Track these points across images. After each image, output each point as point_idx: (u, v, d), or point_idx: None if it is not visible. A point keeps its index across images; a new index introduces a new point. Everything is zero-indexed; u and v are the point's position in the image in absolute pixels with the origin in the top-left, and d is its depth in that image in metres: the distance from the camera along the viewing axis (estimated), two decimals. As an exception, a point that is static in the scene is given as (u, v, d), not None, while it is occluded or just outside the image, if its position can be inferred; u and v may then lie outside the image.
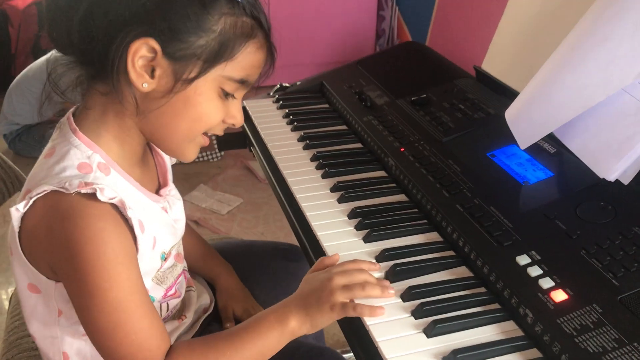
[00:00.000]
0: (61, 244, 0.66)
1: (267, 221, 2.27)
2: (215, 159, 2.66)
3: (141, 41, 0.65)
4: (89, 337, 0.70)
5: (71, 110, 0.76)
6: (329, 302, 0.73)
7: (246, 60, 0.71)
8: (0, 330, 1.77)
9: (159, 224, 0.79)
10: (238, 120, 0.76)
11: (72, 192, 0.65)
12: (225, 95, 0.72)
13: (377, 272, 0.80)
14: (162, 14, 0.65)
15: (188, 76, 0.68)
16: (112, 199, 0.67)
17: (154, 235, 0.76)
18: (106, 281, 0.66)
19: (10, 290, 1.95)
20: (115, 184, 0.72)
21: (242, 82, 0.72)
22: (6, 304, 1.90)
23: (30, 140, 2.56)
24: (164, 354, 0.71)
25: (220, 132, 0.77)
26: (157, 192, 0.82)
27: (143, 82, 0.67)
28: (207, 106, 0.71)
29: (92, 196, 0.66)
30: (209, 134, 0.77)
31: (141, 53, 0.66)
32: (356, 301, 0.74)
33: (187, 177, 2.50)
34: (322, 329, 0.80)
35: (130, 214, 0.68)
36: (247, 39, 0.70)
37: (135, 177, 0.76)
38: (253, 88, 0.77)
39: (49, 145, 0.74)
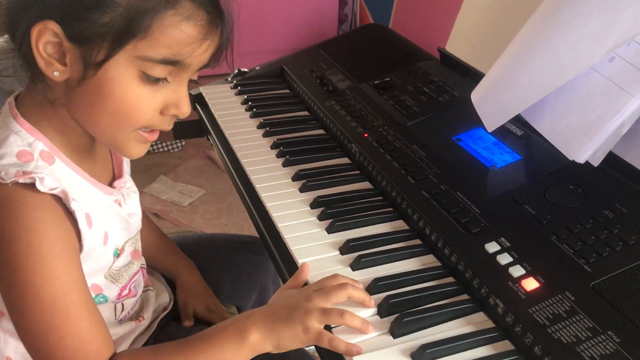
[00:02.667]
0: None
1: (231, 212, 2.21)
2: (176, 150, 2.58)
3: (40, 25, 0.59)
4: (21, 339, 0.64)
5: (14, 94, 0.70)
6: (303, 324, 0.65)
7: (166, 36, 0.60)
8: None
9: (111, 218, 0.73)
10: (182, 110, 0.66)
11: (8, 181, 0.60)
12: (155, 80, 0.63)
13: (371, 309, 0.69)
14: None
15: (95, 59, 0.60)
16: (53, 189, 0.61)
17: (105, 230, 0.71)
18: (39, 277, 0.60)
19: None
20: (59, 173, 0.66)
21: (171, 63, 0.62)
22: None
23: None
24: None
25: (165, 127, 0.68)
26: (110, 184, 0.76)
27: (53, 71, 0.61)
28: (126, 95, 0.62)
29: (31, 186, 0.60)
30: (152, 129, 0.68)
31: (45, 38, 0.59)
32: (334, 328, 0.66)
33: (147, 169, 2.42)
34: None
35: (74, 206, 0.63)
36: (162, 10, 0.60)
37: (85, 167, 0.70)
38: (210, 72, 0.69)
39: None
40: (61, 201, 0.63)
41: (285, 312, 0.67)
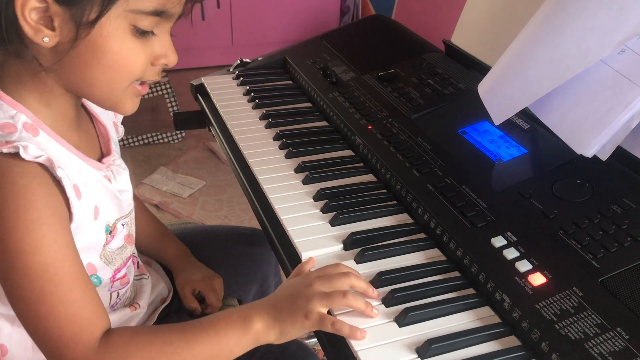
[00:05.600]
0: None
1: (231, 204, 2.20)
2: (176, 141, 2.57)
3: None
4: (14, 310, 0.63)
5: None
6: (304, 310, 0.65)
7: None
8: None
9: (101, 193, 0.72)
10: (170, 59, 0.68)
11: None
12: (142, 33, 0.64)
13: (376, 300, 0.69)
14: None
15: (88, 19, 0.60)
16: (37, 157, 0.60)
17: (94, 203, 0.70)
18: (28, 244, 0.59)
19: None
20: (45, 145, 0.65)
21: (158, 14, 0.63)
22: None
23: None
24: (99, 331, 0.63)
25: (155, 77, 0.69)
26: (99, 160, 0.75)
27: (43, 37, 0.60)
28: (121, 49, 0.63)
29: (16, 155, 0.59)
30: (142, 81, 0.69)
31: (31, 5, 0.58)
32: (337, 316, 0.66)
33: (147, 160, 2.40)
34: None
35: (60, 173, 0.62)
36: None
37: (70, 140, 0.69)
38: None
39: None
40: (47, 170, 0.62)
41: (288, 302, 0.66)
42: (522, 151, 0.85)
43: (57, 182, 0.62)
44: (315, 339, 0.69)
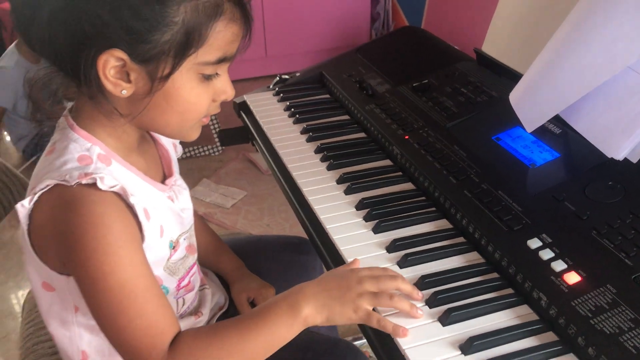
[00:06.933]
0: (65, 233, 0.66)
1: (272, 212, 2.27)
2: (217, 153, 2.65)
3: (106, 54, 0.65)
4: (97, 324, 0.70)
5: (68, 108, 0.76)
6: (354, 304, 0.71)
7: (218, 40, 0.68)
8: (11, 334, 1.79)
9: (166, 213, 0.79)
10: (229, 94, 0.75)
11: (73, 183, 0.66)
12: (207, 77, 0.71)
13: (419, 302, 0.74)
14: (119, 22, 0.63)
15: (162, 74, 0.67)
16: (112, 187, 0.67)
17: (160, 223, 0.77)
18: (108, 265, 0.66)
19: (21, 293, 1.96)
20: (117, 173, 0.72)
21: (222, 61, 0.71)
22: (17, 307, 1.91)
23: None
24: (170, 339, 0.70)
25: (216, 111, 0.76)
26: (162, 182, 0.82)
27: (121, 90, 0.67)
28: (191, 95, 0.71)
29: (93, 186, 0.67)
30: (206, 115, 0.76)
31: (110, 64, 0.65)
32: (383, 314, 0.72)
33: (189, 172, 2.50)
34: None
35: (133, 200, 0.69)
36: (214, 20, 0.67)
37: (138, 167, 0.77)
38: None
39: (49, 144, 0.75)
40: (121, 197, 0.69)
41: (338, 291, 0.72)
42: (554, 155, 0.89)
43: (130, 208, 0.69)
44: (364, 341, 0.74)
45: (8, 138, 2.90)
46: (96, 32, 0.64)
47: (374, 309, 0.72)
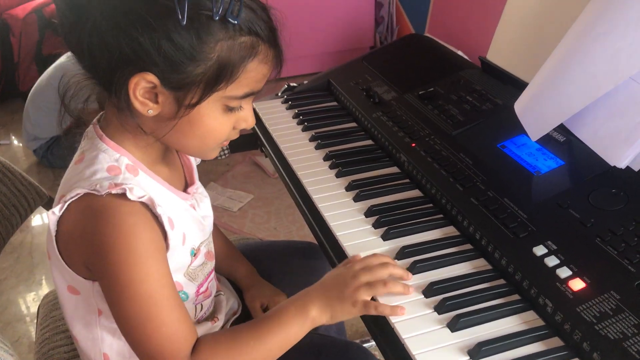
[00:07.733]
0: (95, 241, 0.69)
1: (279, 216, 2.29)
2: (223, 157, 2.68)
3: (139, 76, 0.67)
4: (121, 330, 0.73)
5: (96, 117, 0.79)
6: (352, 299, 0.77)
7: (248, 78, 0.71)
8: (22, 338, 1.82)
9: (188, 221, 0.82)
10: (249, 123, 0.78)
11: (103, 193, 0.69)
12: (231, 109, 0.74)
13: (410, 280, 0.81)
14: (157, 50, 0.65)
15: (190, 102, 0.70)
16: (141, 197, 0.70)
17: (183, 231, 0.79)
18: (138, 274, 0.69)
19: (32, 297, 1.99)
20: (144, 183, 0.75)
21: (248, 96, 0.74)
22: (27, 311, 1.93)
23: (62, 151, 2.58)
24: (191, 346, 0.74)
25: (235, 136, 0.79)
26: (184, 190, 0.85)
27: (148, 109, 0.70)
28: (214, 124, 0.74)
29: (123, 196, 0.69)
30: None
31: (141, 85, 0.68)
32: (378, 299, 0.76)
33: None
34: (343, 322, 0.83)
35: (159, 211, 0.71)
36: (247, 59, 0.70)
37: (163, 176, 0.79)
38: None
39: (78, 152, 0.78)
40: (148, 207, 0.71)
41: (336, 290, 0.78)
42: (559, 163, 0.91)
43: (156, 217, 0.72)
44: (372, 343, 0.77)
45: (16, 142, 2.93)
46: (133, 55, 0.66)
47: (372, 299, 0.77)
